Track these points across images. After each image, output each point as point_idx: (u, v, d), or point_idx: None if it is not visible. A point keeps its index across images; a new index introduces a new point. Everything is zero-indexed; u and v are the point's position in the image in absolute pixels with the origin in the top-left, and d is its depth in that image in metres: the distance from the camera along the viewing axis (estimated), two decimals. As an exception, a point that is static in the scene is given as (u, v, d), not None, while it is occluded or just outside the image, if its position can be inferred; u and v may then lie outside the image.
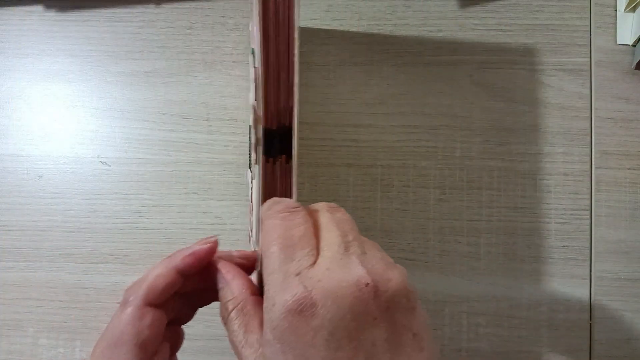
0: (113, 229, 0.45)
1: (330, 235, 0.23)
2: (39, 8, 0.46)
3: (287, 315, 0.20)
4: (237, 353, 0.24)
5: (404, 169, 0.46)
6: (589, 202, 0.44)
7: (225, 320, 0.25)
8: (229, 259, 0.28)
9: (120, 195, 0.45)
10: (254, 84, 0.27)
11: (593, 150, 0.44)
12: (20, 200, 0.45)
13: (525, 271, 0.44)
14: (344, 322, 0.20)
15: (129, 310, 0.26)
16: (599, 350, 0.43)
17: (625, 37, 0.44)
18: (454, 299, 0.45)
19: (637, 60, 0.43)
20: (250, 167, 0.36)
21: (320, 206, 0.26)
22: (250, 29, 0.42)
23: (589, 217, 0.44)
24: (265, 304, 0.22)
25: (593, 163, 0.44)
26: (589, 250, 0.44)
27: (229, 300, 0.25)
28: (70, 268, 0.45)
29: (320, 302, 0.20)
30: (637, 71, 0.44)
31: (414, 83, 0.46)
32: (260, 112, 0.26)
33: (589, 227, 0.44)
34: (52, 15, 0.46)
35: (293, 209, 0.24)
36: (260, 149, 0.26)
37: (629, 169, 0.44)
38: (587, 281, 0.44)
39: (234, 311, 0.24)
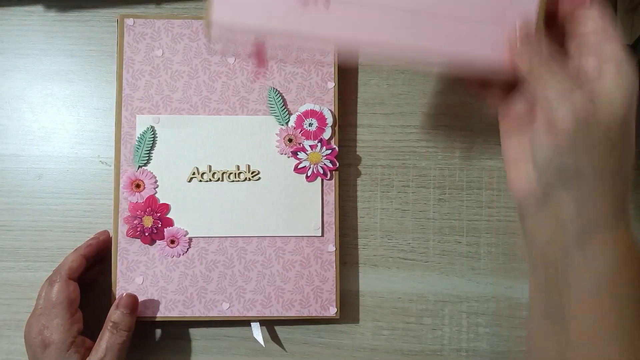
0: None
1: None
2: (39, 8, 0.46)
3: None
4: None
5: (404, 169, 0.46)
6: (589, 202, 0.44)
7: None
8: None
9: (120, 195, 0.45)
10: None
11: (593, 150, 0.44)
12: (20, 200, 0.46)
13: (525, 271, 0.44)
14: None
15: (58, 284, 0.39)
16: (599, 351, 0.43)
17: (625, 37, 0.44)
18: (454, 299, 0.45)
19: (637, 60, 0.43)
20: None
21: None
22: None
23: (589, 217, 0.44)
24: None
25: (593, 163, 0.44)
26: (589, 250, 0.44)
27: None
28: (70, 268, 0.45)
29: None
30: (637, 71, 0.44)
31: (414, 83, 0.46)
32: None
33: (589, 227, 0.44)
34: (53, 15, 0.46)
35: None
36: None
37: (629, 169, 0.44)
38: (587, 281, 0.44)
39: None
